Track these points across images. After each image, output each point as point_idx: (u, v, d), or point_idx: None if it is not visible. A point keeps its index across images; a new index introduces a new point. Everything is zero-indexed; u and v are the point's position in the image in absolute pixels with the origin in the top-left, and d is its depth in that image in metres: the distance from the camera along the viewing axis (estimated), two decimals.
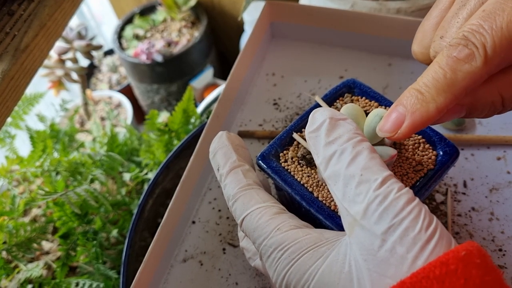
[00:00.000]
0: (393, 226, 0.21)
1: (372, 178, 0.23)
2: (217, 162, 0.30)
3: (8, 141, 0.65)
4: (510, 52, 0.22)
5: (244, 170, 0.29)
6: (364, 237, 0.22)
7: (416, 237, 0.21)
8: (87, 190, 0.55)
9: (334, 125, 0.25)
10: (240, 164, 0.30)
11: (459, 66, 0.22)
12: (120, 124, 1.16)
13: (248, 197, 0.28)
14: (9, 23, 0.37)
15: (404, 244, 0.21)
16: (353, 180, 0.23)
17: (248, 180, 0.29)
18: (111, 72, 1.41)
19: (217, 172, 0.30)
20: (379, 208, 0.22)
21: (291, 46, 0.57)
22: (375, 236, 0.22)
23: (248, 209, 0.27)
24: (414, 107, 0.23)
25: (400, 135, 0.24)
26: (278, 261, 0.25)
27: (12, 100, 0.36)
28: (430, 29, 0.27)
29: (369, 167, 0.23)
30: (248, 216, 0.27)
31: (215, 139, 0.32)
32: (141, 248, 0.50)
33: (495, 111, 0.25)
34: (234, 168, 0.29)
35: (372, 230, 0.22)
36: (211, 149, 0.31)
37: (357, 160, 0.24)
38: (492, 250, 0.38)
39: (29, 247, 0.53)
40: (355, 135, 0.25)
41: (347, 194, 0.23)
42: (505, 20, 0.21)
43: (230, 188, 0.29)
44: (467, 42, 0.22)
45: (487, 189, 0.41)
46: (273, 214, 0.26)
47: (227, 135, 0.31)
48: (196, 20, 1.22)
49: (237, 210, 0.28)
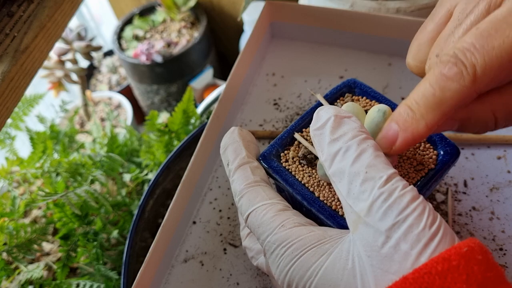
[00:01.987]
0: (398, 223, 0.21)
1: (377, 175, 0.23)
2: (227, 157, 0.31)
3: (8, 142, 0.65)
4: (501, 72, 0.22)
5: (252, 166, 0.30)
6: (368, 233, 0.22)
7: (420, 234, 0.21)
8: (87, 191, 0.54)
9: (339, 123, 0.26)
10: (249, 160, 0.30)
11: (447, 85, 0.23)
12: (120, 125, 1.16)
13: (254, 193, 0.28)
14: (8, 24, 0.37)
15: (408, 241, 0.21)
16: (358, 177, 0.23)
17: (255, 176, 0.29)
18: (111, 73, 1.41)
19: (226, 167, 0.31)
20: (384, 205, 0.22)
21: (291, 46, 0.57)
22: (379, 232, 0.22)
23: (254, 205, 0.27)
24: (405, 125, 0.24)
25: (395, 151, 0.25)
26: (281, 258, 0.25)
27: (12, 101, 0.36)
28: (425, 43, 0.27)
29: (374, 165, 0.23)
30: (253, 212, 0.27)
31: (227, 134, 0.32)
32: (141, 249, 0.50)
33: (486, 129, 0.26)
34: (243, 164, 0.29)
35: (376, 227, 0.22)
36: (222, 144, 0.32)
37: (362, 157, 0.24)
38: (492, 250, 0.38)
39: (29, 248, 0.53)
40: (360, 132, 0.25)
41: (352, 191, 0.23)
42: (498, 40, 0.21)
43: (237, 184, 0.29)
44: (456, 60, 0.22)
45: (488, 189, 0.42)
46: (277, 211, 0.27)
47: (239, 131, 0.31)
48: (196, 20, 1.22)
49: (243, 205, 0.28)
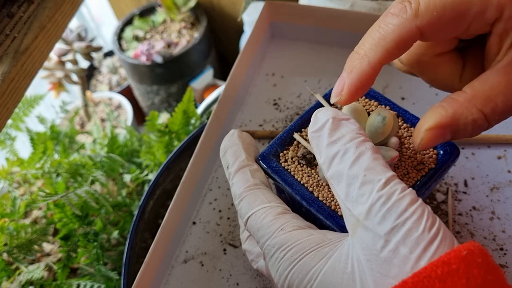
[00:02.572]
0: (397, 227, 0.21)
1: (375, 178, 0.23)
2: (226, 160, 0.30)
3: (8, 143, 0.66)
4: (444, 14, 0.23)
5: (252, 169, 0.29)
6: (367, 237, 0.22)
7: (419, 238, 0.21)
8: (87, 191, 0.54)
9: (337, 125, 0.25)
10: (248, 163, 0.30)
11: (390, 20, 0.24)
12: (120, 126, 1.16)
13: (253, 196, 0.28)
14: (9, 25, 0.37)
15: (407, 245, 0.21)
16: (357, 180, 0.23)
17: (255, 179, 0.29)
18: (111, 74, 1.41)
19: (226, 170, 0.30)
20: (383, 208, 0.22)
21: (291, 46, 0.57)
22: (378, 236, 0.22)
23: (253, 209, 0.27)
24: (350, 67, 0.25)
25: (344, 98, 0.26)
26: (280, 261, 0.25)
27: (12, 102, 0.36)
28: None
29: (373, 168, 0.23)
30: (253, 216, 0.27)
31: (226, 137, 0.32)
32: (142, 249, 0.50)
33: (480, 128, 0.25)
34: (243, 167, 0.29)
35: (375, 230, 0.22)
36: (222, 147, 0.31)
37: (360, 160, 0.24)
38: (493, 249, 0.38)
39: (30, 248, 0.53)
40: (358, 135, 0.25)
41: (350, 194, 0.23)
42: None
43: (237, 187, 0.29)
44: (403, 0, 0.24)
45: (488, 188, 0.41)
46: (277, 214, 0.26)
47: (238, 134, 0.31)
48: (196, 21, 1.22)
49: (242, 209, 0.28)
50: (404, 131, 0.33)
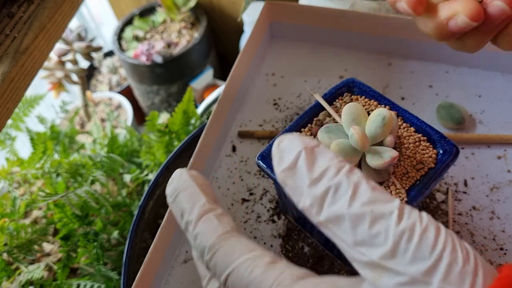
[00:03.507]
0: (434, 264, 0.18)
1: (386, 211, 0.19)
2: (180, 207, 0.25)
3: (8, 143, 0.66)
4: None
5: (217, 214, 0.24)
6: (400, 282, 0.18)
7: (462, 272, 0.18)
8: (87, 191, 0.55)
9: (313, 156, 0.21)
10: (211, 207, 0.24)
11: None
12: (120, 126, 1.16)
13: (229, 247, 0.23)
14: (9, 25, 0.37)
15: (452, 283, 0.18)
16: (364, 219, 0.19)
17: (224, 227, 0.23)
18: (111, 74, 1.41)
19: (180, 219, 0.25)
20: (410, 246, 0.18)
21: (291, 46, 0.57)
22: (414, 279, 0.18)
23: (233, 262, 0.22)
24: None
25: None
26: None
27: (12, 102, 0.36)
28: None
29: (376, 200, 0.20)
30: (234, 272, 0.22)
31: (173, 178, 0.26)
32: (142, 249, 0.50)
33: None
34: (206, 213, 0.24)
35: (409, 273, 0.18)
36: (170, 191, 0.26)
37: (359, 194, 0.20)
38: (493, 249, 0.38)
39: (30, 248, 0.53)
40: (342, 163, 0.21)
41: (360, 237, 0.19)
42: None
43: (204, 238, 0.23)
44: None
45: (488, 188, 0.41)
46: (266, 264, 0.22)
47: (189, 173, 0.26)
48: (196, 21, 1.22)
49: (218, 264, 0.22)
50: (403, 131, 0.33)
